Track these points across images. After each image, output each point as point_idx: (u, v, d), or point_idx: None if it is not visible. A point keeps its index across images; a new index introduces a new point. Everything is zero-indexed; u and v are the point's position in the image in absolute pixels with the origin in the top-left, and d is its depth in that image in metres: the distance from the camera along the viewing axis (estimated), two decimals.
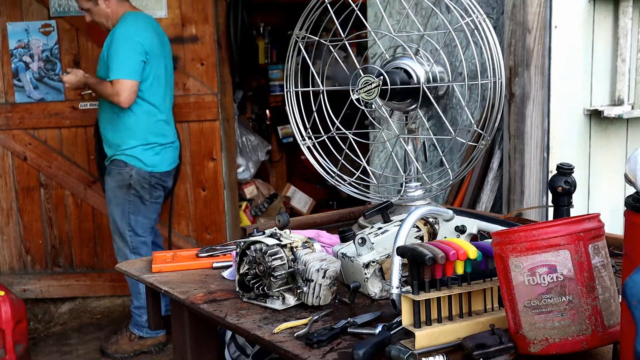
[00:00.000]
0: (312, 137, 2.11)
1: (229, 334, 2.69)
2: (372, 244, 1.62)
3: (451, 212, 1.75)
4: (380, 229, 1.73)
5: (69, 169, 4.44)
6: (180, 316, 1.81)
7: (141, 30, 3.49)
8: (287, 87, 2.11)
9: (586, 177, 2.79)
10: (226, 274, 1.84)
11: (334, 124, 2.03)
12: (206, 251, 1.98)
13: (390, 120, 2.00)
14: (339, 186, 2.10)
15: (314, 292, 1.54)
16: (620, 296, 1.09)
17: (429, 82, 1.95)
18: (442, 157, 2.03)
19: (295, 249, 1.59)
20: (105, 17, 3.51)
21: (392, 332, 1.37)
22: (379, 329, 1.40)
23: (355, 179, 2.06)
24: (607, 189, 2.85)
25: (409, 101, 1.97)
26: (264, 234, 1.65)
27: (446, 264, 1.31)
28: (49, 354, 3.98)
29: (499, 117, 1.87)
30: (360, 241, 1.60)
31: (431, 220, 1.74)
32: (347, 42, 1.95)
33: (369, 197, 2.15)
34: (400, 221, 1.64)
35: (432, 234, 1.73)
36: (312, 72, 2.08)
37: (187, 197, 4.41)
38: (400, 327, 1.38)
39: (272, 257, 1.57)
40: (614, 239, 1.70)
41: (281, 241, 1.60)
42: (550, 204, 1.87)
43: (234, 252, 1.70)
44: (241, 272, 1.64)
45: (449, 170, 1.99)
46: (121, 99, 3.39)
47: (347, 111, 2.05)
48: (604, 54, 2.77)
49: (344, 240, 1.72)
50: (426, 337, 1.29)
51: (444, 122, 1.99)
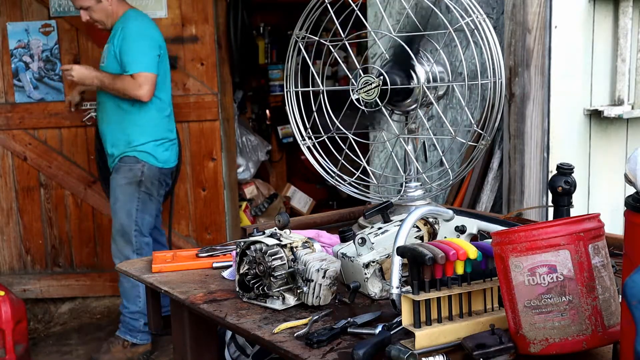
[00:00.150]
0: (312, 137, 2.11)
1: (229, 334, 2.69)
2: (372, 244, 1.62)
3: (451, 212, 1.75)
4: (380, 229, 1.73)
5: (69, 169, 4.44)
6: (180, 316, 1.81)
7: (152, 26, 3.56)
8: (287, 87, 2.11)
9: (586, 177, 2.79)
10: (226, 274, 1.84)
11: (334, 124, 2.03)
12: (206, 251, 1.98)
13: (390, 120, 2.00)
14: (339, 186, 2.10)
15: (314, 292, 1.54)
16: (620, 296, 1.09)
17: (429, 82, 1.95)
18: (442, 157, 2.03)
19: (295, 249, 1.59)
20: (106, 15, 3.48)
21: (392, 332, 1.37)
22: (379, 329, 1.40)
23: (355, 179, 2.06)
24: (607, 189, 2.85)
25: (408, 101, 1.97)
26: (264, 234, 1.65)
27: (446, 264, 1.31)
28: (49, 354, 3.98)
29: (499, 117, 1.87)
30: (360, 241, 1.60)
31: (431, 220, 1.73)
32: (347, 42, 1.95)
33: (369, 197, 2.15)
34: (400, 221, 1.64)
35: (432, 234, 1.73)
36: (312, 72, 2.08)
37: (187, 197, 4.41)
38: (400, 327, 1.38)
39: (272, 257, 1.57)
40: (614, 239, 1.70)
41: (281, 241, 1.60)
42: (550, 204, 1.86)
43: (234, 252, 1.70)
44: (241, 272, 1.64)
45: (449, 170, 1.99)
46: (143, 92, 3.38)
47: (347, 111, 2.05)
48: (604, 54, 2.77)
49: (344, 240, 1.72)
50: (426, 337, 1.29)
51: (444, 122, 1.99)
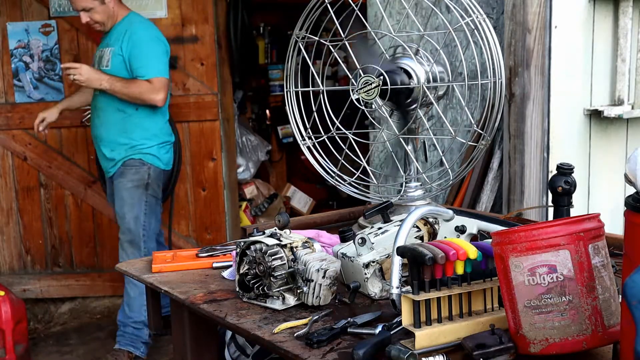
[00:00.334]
0: (312, 137, 2.11)
1: (229, 334, 2.69)
2: (372, 244, 1.62)
3: (451, 212, 1.75)
4: (380, 229, 1.73)
5: (69, 169, 4.44)
6: (180, 316, 1.81)
7: (159, 31, 3.56)
8: (287, 87, 2.11)
9: (586, 177, 2.79)
10: (226, 274, 1.84)
11: (334, 124, 2.03)
12: (206, 251, 1.98)
13: (390, 120, 2.00)
14: (339, 186, 2.10)
15: (314, 292, 1.54)
16: (620, 296, 1.09)
17: (429, 82, 1.95)
18: (442, 157, 2.03)
19: (295, 249, 1.59)
20: (107, 17, 3.45)
21: (392, 332, 1.37)
22: (379, 329, 1.40)
23: (355, 179, 2.06)
24: (607, 189, 2.85)
25: (408, 101, 1.97)
26: (264, 234, 1.65)
27: (446, 264, 1.31)
28: (49, 354, 3.98)
29: (499, 117, 1.87)
30: (360, 241, 1.60)
31: (431, 220, 1.73)
32: (347, 42, 1.95)
33: (369, 197, 2.15)
34: (400, 221, 1.64)
35: (432, 234, 1.73)
36: (312, 72, 2.08)
37: (187, 197, 4.41)
38: (400, 327, 1.38)
39: (272, 257, 1.57)
40: (614, 239, 1.70)
41: (281, 241, 1.60)
42: (550, 204, 1.87)
43: (234, 252, 1.70)
44: (241, 272, 1.64)
45: (449, 170, 1.99)
46: (160, 97, 3.39)
47: (347, 111, 2.05)
48: (604, 54, 2.77)
49: (344, 240, 1.72)
50: (426, 337, 1.29)
51: (444, 122, 1.99)
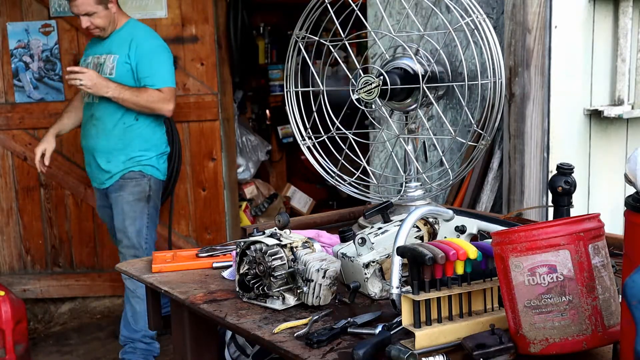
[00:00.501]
0: (312, 137, 2.11)
1: (229, 334, 2.69)
2: (372, 244, 1.62)
3: (451, 212, 1.75)
4: (380, 229, 1.73)
5: (69, 169, 4.44)
6: (180, 316, 1.81)
7: (162, 39, 3.53)
8: (287, 87, 2.11)
9: (586, 177, 2.79)
10: (226, 274, 1.84)
11: (334, 124, 2.03)
12: (206, 251, 1.98)
13: (390, 120, 2.00)
14: (339, 186, 2.10)
15: (314, 292, 1.54)
16: (620, 296, 1.09)
17: (429, 82, 1.95)
18: (442, 157, 2.03)
19: (295, 249, 1.59)
20: (109, 22, 3.39)
21: (392, 332, 1.37)
22: (379, 329, 1.40)
23: (355, 179, 2.06)
24: (607, 189, 2.85)
25: (409, 101, 1.97)
26: (264, 234, 1.65)
27: (446, 264, 1.31)
28: (49, 354, 3.98)
29: (499, 117, 1.87)
30: (360, 241, 1.60)
31: (431, 220, 1.74)
32: (347, 42, 1.95)
33: (369, 197, 2.15)
34: (400, 221, 1.64)
35: (432, 234, 1.73)
36: (312, 72, 2.08)
37: (187, 197, 4.41)
38: (400, 327, 1.38)
39: (272, 257, 1.57)
40: (614, 239, 1.70)
41: (281, 241, 1.60)
42: (550, 204, 1.87)
43: (234, 252, 1.70)
44: (241, 272, 1.64)
45: (449, 170, 1.99)
46: (170, 107, 3.38)
47: (347, 111, 2.05)
48: (604, 54, 2.77)
49: (344, 240, 1.72)
50: (426, 337, 1.29)
51: (444, 122, 1.99)
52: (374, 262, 1.59)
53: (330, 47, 2.02)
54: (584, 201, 2.77)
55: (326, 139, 2.09)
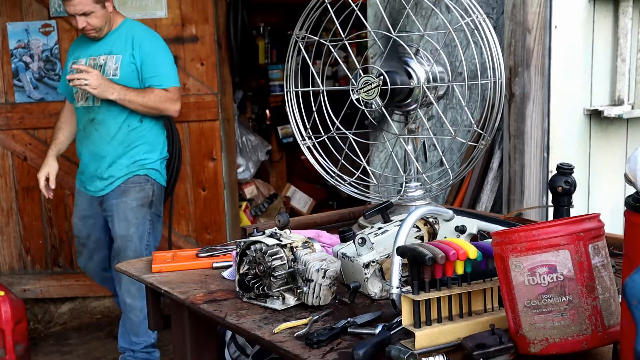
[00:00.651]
0: (312, 137, 2.11)
1: (229, 334, 2.69)
2: (372, 244, 1.62)
3: (451, 212, 1.75)
4: (380, 229, 1.73)
5: (69, 169, 4.43)
6: (180, 316, 1.81)
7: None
8: (287, 87, 2.11)
9: (586, 177, 2.79)
10: (226, 274, 1.84)
11: (334, 124, 2.03)
12: (206, 251, 1.98)
13: (390, 120, 2.00)
14: (339, 186, 2.10)
15: (314, 292, 1.54)
16: (620, 296, 1.09)
17: (429, 82, 1.95)
18: (442, 157, 2.03)
19: (295, 249, 1.59)
20: (106, 22, 3.26)
21: (392, 332, 1.37)
22: (379, 329, 1.40)
23: (355, 179, 2.06)
24: (607, 189, 2.85)
25: (408, 101, 1.97)
26: (264, 234, 1.65)
27: (446, 264, 1.31)
28: (49, 354, 3.98)
29: (499, 117, 1.87)
30: (360, 241, 1.60)
31: (431, 220, 1.73)
32: (347, 42, 1.95)
33: (369, 197, 2.15)
34: (400, 221, 1.64)
35: (432, 234, 1.73)
36: (312, 72, 2.08)
37: (187, 197, 4.41)
38: (400, 327, 1.38)
39: (272, 257, 1.57)
40: (614, 239, 1.70)
41: (281, 241, 1.60)
42: (550, 204, 1.86)
43: (234, 252, 1.70)
44: (241, 272, 1.64)
45: (449, 170, 1.99)
46: (177, 107, 3.28)
47: (347, 111, 2.05)
48: (604, 54, 2.77)
49: (344, 240, 1.72)
50: (426, 337, 1.29)
51: (444, 122, 1.99)
52: (374, 262, 1.59)
53: (330, 47, 2.02)
54: (584, 201, 2.77)
55: (326, 139, 2.09)
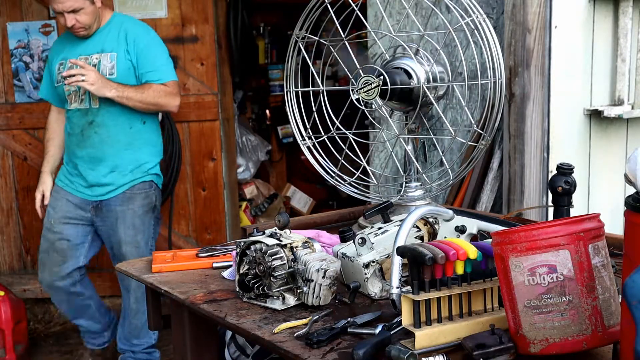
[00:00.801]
0: (312, 137, 2.11)
1: (229, 334, 2.69)
2: (372, 244, 1.62)
3: (451, 212, 1.75)
4: (380, 229, 1.73)
5: None
6: (180, 316, 1.81)
7: None
8: (287, 87, 2.11)
9: (586, 177, 2.79)
10: (226, 274, 1.84)
11: (334, 124, 2.03)
12: (206, 251, 1.98)
13: (390, 120, 2.00)
14: (339, 186, 2.10)
15: (314, 292, 1.54)
16: (620, 296, 1.09)
17: (429, 82, 1.95)
18: (442, 157, 2.03)
19: (295, 249, 1.59)
20: (94, 18, 3.11)
21: (392, 332, 1.37)
22: (379, 329, 1.40)
23: (355, 179, 2.06)
24: (607, 189, 2.85)
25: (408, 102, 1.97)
26: (264, 234, 1.65)
27: (446, 264, 1.31)
28: (49, 354, 3.98)
29: (499, 117, 1.87)
30: (360, 241, 1.60)
31: (431, 220, 1.74)
32: (347, 42, 1.95)
33: (369, 197, 2.15)
34: (400, 221, 1.64)
35: (432, 234, 1.73)
36: (312, 72, 2.08)
37: (187, 197, 4.40)
38: (400, 327, 1.38)
39: (272, 257, 1.57)
40: (614, 239, 1.70)
41: (281, 241, 1.60)
42: (550, 204, 1.87)
43: (234, 252, 1.70)
44: (241, 272, 1.64)
45: (449, 170, 1.99)
46: (177, 102, 3.17)
47: (347, 111, 2.05)
48: (604, 54, 2.77)
49: (344, 240, 1.72)
50: (426, 337, 1.29)
51: (444, 122, 1.99)
52: (374, 262, 1.59)
53: (330, 47, 2.02)
54: (584, 201, 2.77)
55: (326, 139, 2.09)
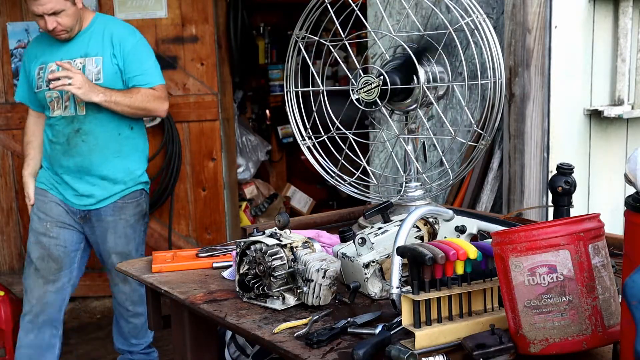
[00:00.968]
0: (312, 137, 2.11)
1: (229, 334, 2.69)
2: (372, 244, 1.62)
3: (451, 212, 1.75)
4: (380, 229, 1.73)
5: None
6: (180, 316, 1.81)
7: None
8: (287, 87, 2.11)
9: (586, 177, 2.79)
10: (226, 274, 1.84)
11: (334, 124, 2.03)
12: (206, 251, 1.98)
13: (390, 120, 2.00)
14: (339, 186, 2.10)
15: (314, 292, 1.54)
16: (620, 296, 1.09)
17: (429, 82, 1.95)
18: (442, 157, 2.03)
19: (295, 249, 1.59)
20: (76, 19, 2.96)
21: (392, 332, 1.37)
22: (379, 329, 1.40)
23: (355, 179, 2.06)
24: (607, 189, 2.85)
25: (408, 101, 1.97)
26: (264, 234, 1.65)
27: (446, 264, 1.31)
28: None
29: (499, 117, 1.87)
30: (360, 241, 1.60)
31: (431, 220, 1.74)
32: (347, 42, 1.95)
33: (369, 197, 2.15)
34: (400, 221, 1.64)
35: (432, 234, 1.73)
36: (312, 72, 2.08)
37: (187, 197, 4.41)
38: (400, 327, 1.38)
39: (272, 257, 1.57)
40: (614, 239, 1.70)
41: (281, 241, 1.60)
42: (550, 204, 1.87)
43: (234, 252, 1.70)
44: (241, 272, 1.64)
45: (449, 170, 1.99)
46: (165, 106, 3.07)
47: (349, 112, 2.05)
48: (604, 54, 2.77)
49: (344, 240, 1.72)
50: (426, 337, 1.29)
51: (444, 122, 1.99)
52: (374, 262, 1.59)
53: (330, 47, 2.02)
54: (584, 201, 2.78)
55: (326, 139, 2.09)
